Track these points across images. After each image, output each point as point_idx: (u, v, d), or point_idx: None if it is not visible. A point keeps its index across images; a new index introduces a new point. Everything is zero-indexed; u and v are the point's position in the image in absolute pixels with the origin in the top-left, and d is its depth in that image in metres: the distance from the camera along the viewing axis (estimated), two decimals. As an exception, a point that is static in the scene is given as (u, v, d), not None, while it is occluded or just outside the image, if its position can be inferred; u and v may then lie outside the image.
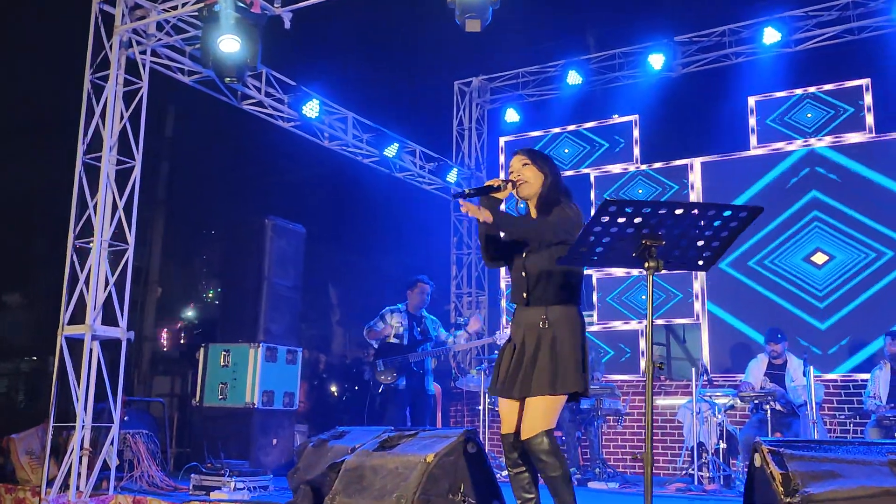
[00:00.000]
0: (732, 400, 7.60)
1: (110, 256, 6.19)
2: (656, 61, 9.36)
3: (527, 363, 3.36)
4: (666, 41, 9.35)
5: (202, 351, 7.81)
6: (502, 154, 10.49)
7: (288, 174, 10.58)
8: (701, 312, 8.85)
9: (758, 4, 9.08)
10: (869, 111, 8.37)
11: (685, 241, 2.62)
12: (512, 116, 10.53)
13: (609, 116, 10.00)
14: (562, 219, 3.38)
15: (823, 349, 8.20)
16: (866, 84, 8.46)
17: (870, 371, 7.34)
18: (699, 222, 2.56)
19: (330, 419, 9.54)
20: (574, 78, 9.92)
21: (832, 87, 8.63)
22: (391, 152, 9.18)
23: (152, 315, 13.25)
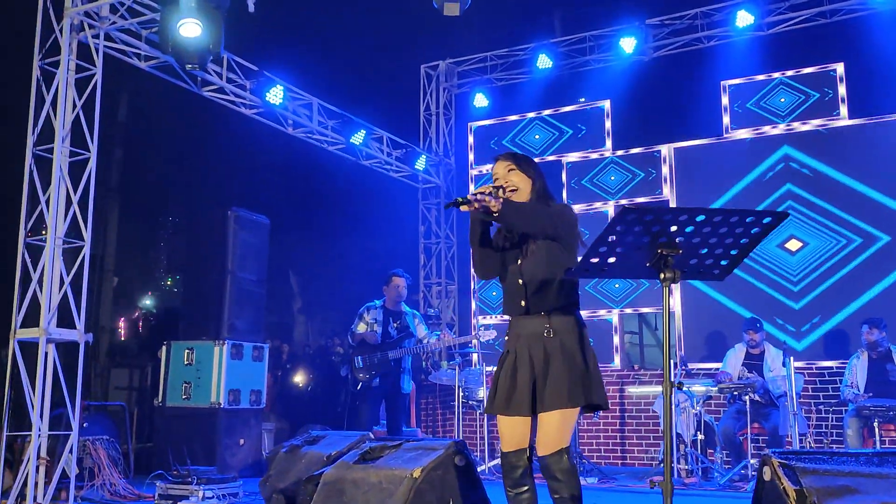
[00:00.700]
0: (710, 390, 7.50)
1: (65, 254, 5.85)
2: (628, 45, 9.19)
3: (539, 376, 3.14)
4: (637, 24, 9.17)
5: (164, 349, 7.51)
6: (471, 135, 10.24)
7: (251, 163, 10.22)
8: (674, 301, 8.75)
9: (730, -14, 8.93)
10: (843, 102, 8.30)
11: (705, 250, 2.42)
12: (481, 101, 10.27)
13: (582, 103, 9.81)
14: (557, 212, 3.22)
15: (797, 326, 8.27)
16: (840, 68, 8.37)
17: (839, 356, 7.44)
18: (720, 229, 2.36)
19: (297, 414, 9.28)
20: (544, 62, 9.69)
21: (806, 72, 8.53)
22: (358, 140, 8.88)
23: (109, 305, 12.85)
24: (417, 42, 9.98)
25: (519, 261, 3.29)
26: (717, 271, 2.55)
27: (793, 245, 8.38)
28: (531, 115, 9.93)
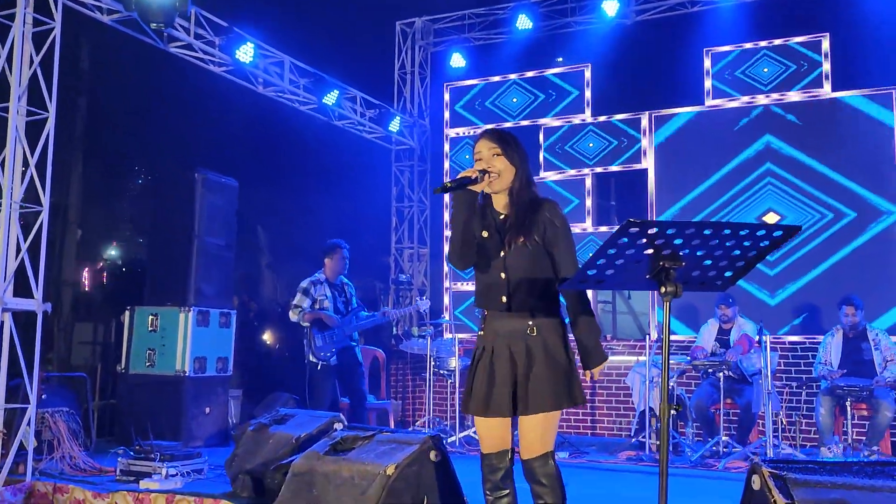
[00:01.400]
0: (684, 366, 7.46)
1: (22, 220, 5.56)
2: (610, 7, 8.92)
3: (521, 377, 2.98)
4: (621, -14, 8.90)
5: (127, 314, 7.27)
6: (447, 95, 9.96)
7: (219, 123, 9.83)
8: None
9: (717, -50, 8.68)
10: (827, 77, 8.16)
11: (709, 262, 2.26)
12: (457, 61, 9.96)
13: (560, 64, 9.57)
14: (570, 242, 3.16)
15: (772, 291, 8.26)
16: (825, 39, 8.22)
17: (812, 328, 7.50)
18: (727, 242, 2.20)
19: (265, 380, 9.10)
20: (524, 22, 9.39)
21: (791, 42, 8.36)
22: (331, 100, 8.56)
23: (72, 258, 12.50)
24: (394, -4, 9.64)
25: (502, 253, 3.10)
26: (720, 282, 2.40)
27: (770, 218, 8.33)
28: (513, 77, 9.68)
